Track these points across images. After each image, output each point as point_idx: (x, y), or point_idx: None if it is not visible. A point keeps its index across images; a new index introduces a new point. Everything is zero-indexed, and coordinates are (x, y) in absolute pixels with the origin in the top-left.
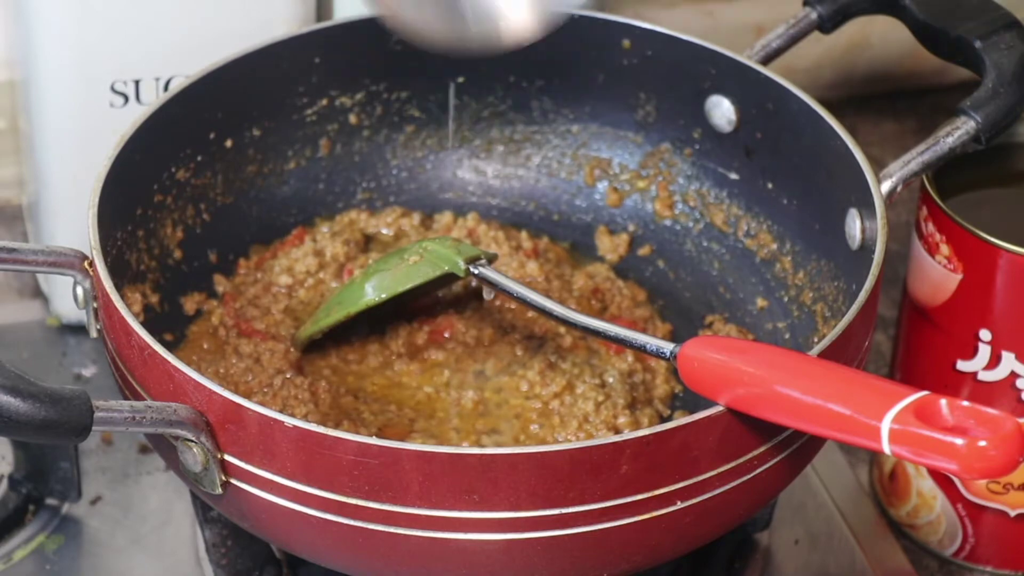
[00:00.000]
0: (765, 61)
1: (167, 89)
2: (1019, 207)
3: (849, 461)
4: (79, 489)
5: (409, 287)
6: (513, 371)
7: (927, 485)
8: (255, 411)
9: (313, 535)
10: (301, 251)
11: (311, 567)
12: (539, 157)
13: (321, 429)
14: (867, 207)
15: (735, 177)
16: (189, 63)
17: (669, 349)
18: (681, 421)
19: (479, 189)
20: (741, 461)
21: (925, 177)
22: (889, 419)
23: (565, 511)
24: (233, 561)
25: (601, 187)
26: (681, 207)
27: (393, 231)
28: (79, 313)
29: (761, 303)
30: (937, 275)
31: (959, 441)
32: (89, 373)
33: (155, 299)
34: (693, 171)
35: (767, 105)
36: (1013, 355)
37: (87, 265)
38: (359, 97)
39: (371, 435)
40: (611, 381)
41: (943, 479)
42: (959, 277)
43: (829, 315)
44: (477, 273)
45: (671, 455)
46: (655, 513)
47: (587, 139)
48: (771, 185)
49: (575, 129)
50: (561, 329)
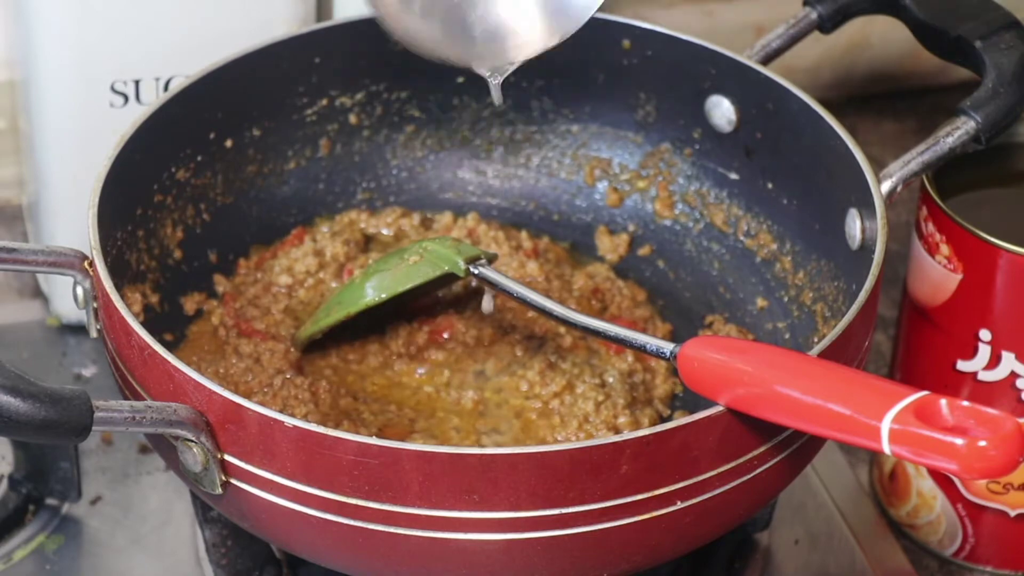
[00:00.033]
0: (765, 61)
1: (167, 89)
2: (1019, 207)
3: (849, 461)
4: (79, 489)
5: (409, 287)
6: (513, 371)
7: (927, 485)
8: (255, 411)
9: (313, 535)
10: (301, 251)
11: (311, 567)
12: (539, 157)
13: (321, 429)
14: (867, 207)
15: (735, 177)
16: (189, 63)
17: (669, 349)
18: (681, 421)
19: (479, 189)
20: (741, 461)
21: (925, 177)
22: (889, 419)
23: (565, 511)
24: (233, 561)
25: (601, 187)
26: (681, 207)
27: (393, 231)
28: (79, 313)
29: (761, 303)
30: (937, 275)
31: (959, 441)
32: (89, 373)
33: (155, 299)
34: (693, 171)
35: (767, 105)
36: (1013, 355)
37: (87, 265)
38: (359, 97)
39: (371, 435)
40: (611, 381)
41: (943, 479)
42: (959, 277)
43: (829, 315)
44: (477, 273)
45: (671, 455)
46: (655, 513)
47: (587, 139)
48: (771, 185)
49: (575, 129)
50: (561, 329)
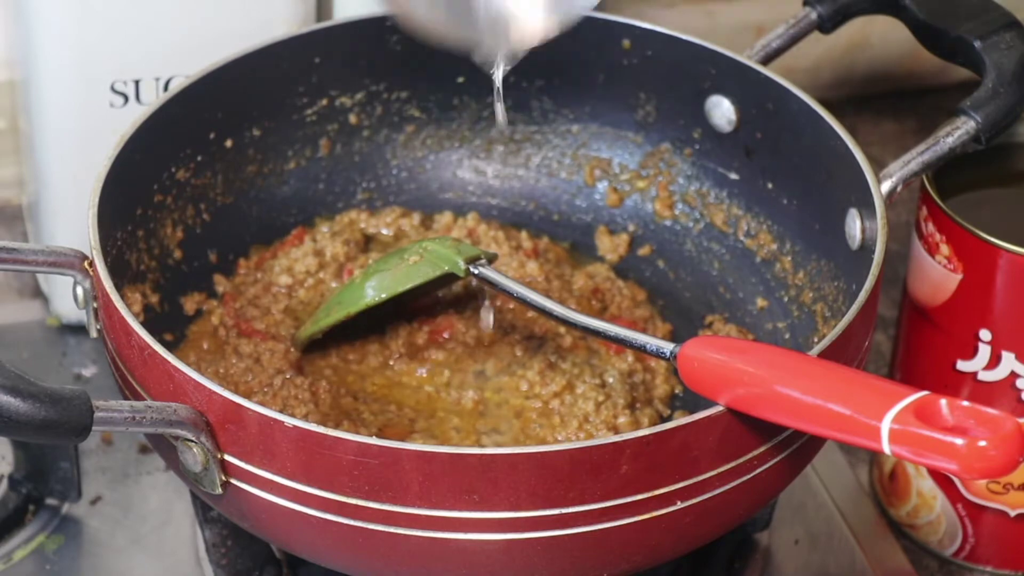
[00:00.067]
0: (765, 61)
1: (167, 89)
2: (1019, 207)
3: (849, 461)
4: (79, 489)
5: (409, 287)
6: (513, 371)
7: (927, 485)
8: (255, 411)
9: (313, 535)
10: (301, 251)
11: (311, 567)
12: (539, 157)
13: (321, 429)
14: (867, 207)
15: (735, 177)
16: (189, 63)
17: (669, 349)
18: (681, 421)
19: (479, 189)
20: (741, 461)
21: (925, 177)
22: (889, 419)
23: (565, 511)
24: (233, 561)
25: (601, 187)
26: (681, 207)
27: (393, 231)
28: (79, 313)
29: (761, 303)
30: (937, 275)
31: (959, 441)
32: (89, 373)
33: (155, 299)
34: (693, 171)
35: (767, 105)
36: (1013, 355)
37: (87, 265)
38: (359, 97)
39: (371, 435)
40: (611, 381)
41: (943, 479)
42: (959, 277)
43: (829, 315)
44: (477, 273)
45: (671, 455)
46: (655, 513)
47: (587, 139)
48: (771, 185)
49: (575, 129)
50: (561, 329)
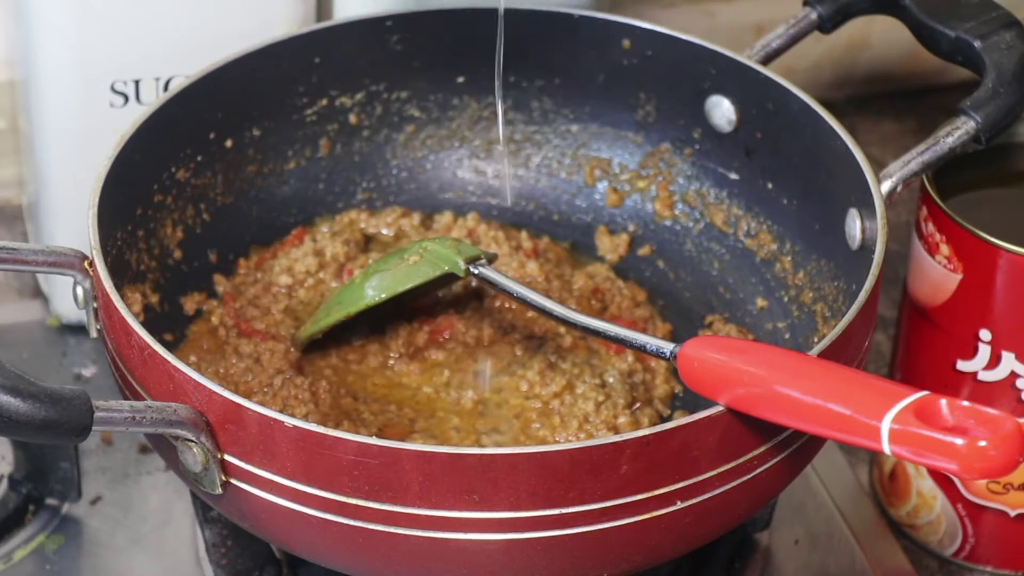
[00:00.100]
0: (765, 61)
1: (167, 89)
2: (1019, 207)
3: (849, 461)
4: (79, 489)
5: (409, 287)
6: (513, 371)
7: (927, 485)
8: (255, 411)
9: (313, 535)
10: (301, 251)
11: (311, 567)
12: (539, 157)
13: (321, 429)
14: (867, 207)
15: (735, 177)
16: (189, 63)
17: (669, 349)
18: (681, 421)
19: (479, 189)
20: (741, 461)
21: (925, 177)
22: (889, 419)
23: (565, 511)
24: (233, 561)
25: (601, 187)
26: (681, 207)
27: (393, 231)
28: (79, 313)
29: (761, 303)
30: (937, 275)
31: (959, 441)
32: (89, 373)
33: (155, 299)
34: (693, 171)
35: (767, 105)
36: (1013, 355)
37: (87, 265)
38: (359, 97)
39: (371, 435)
40: (611, 381)
41: (943, 479)
42: (959, 277)
43: (829, 315)
44: (477, 273)
45: (671, 455)
46: (655, 513)
47: (587, 139)
48: (771, 185)
49: (575, 129)
50: (561, 329)
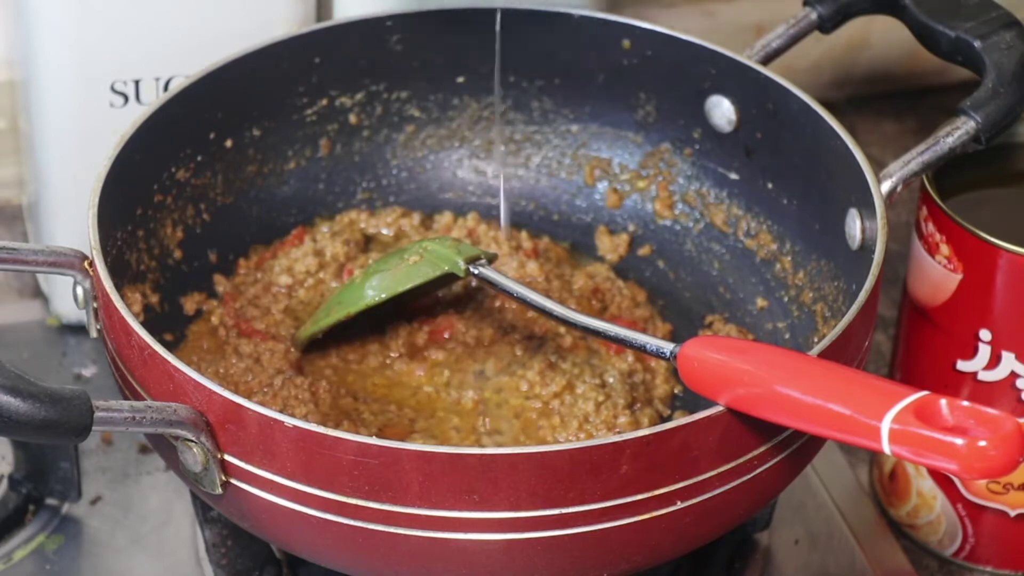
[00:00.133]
0: (765, 61)
1: (167, 89)
2: (1019, 207)
3: (849, 461)
4: (79, 489)
5: (409, 287)
6: (513, 371)
7: (927, 485)
8: (255, 411)
9: (313, 535)
10: (301, 251)
11: (311, 567)
12: (539, 157)
13: (321, 429)
14: (867, 207)
15: (735, 177)
16: (189, 63)
17: (669, 349)
18: (681, 421)
19: (479, 189)
20: (741, 461)
21: (925, 177)
22: (889, 419)
23: (565, 511)
24: (233, 561)
25: (601, 187)
26: (681, 207)
27: (393, 231)
28: (79, 313)
29: (761, 303)
30: (937, 275)
31: (959, 441)
32: (89, 373)
33: (155, 299)
34: (693, 171)
35: (767, 105)
36: (1013, 355)
37: (87, 265)
38: (359, 97)
39: (371, 435)
40: (611, 381)
41: (943, 479)
42: (959, 277)
43: (829, 315)
44: (477, 273)
45: (671, 455)
46: (655, 513)
47: (587, 139)
48: (771, 185)
49: (575, 129)
50: (561, 329)
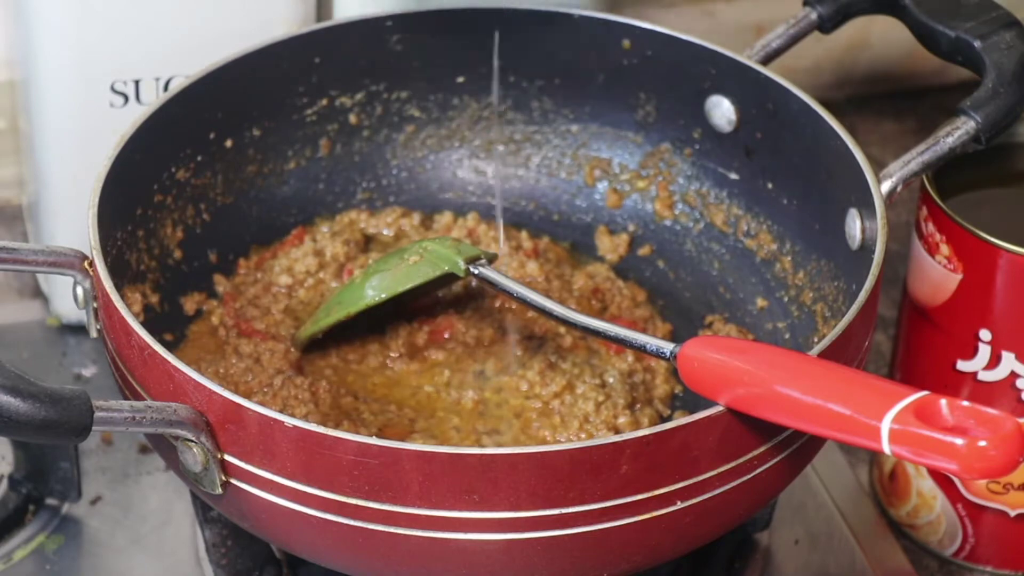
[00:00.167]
0: (765, 61)
1: (167, 89)
2: (1019, 207)
3: (849, 461)
4: (79, 489)
5: (409, 287)
6: (513, 371)
7: (927, 485)
8: (255, 411)
9: (313, 535)
10: (301, 251)
11: (311, 567)
12: (539, 157)
13: (321, 429)
14: (867, 207)
15: (735, 177)
16: (189, 63)
17: (669, 349)
18: (681, 421)
19: (479, 189)
20: (741, 461)
21: (925, 177)
22: (889, 419)
23: (565, 511)
24: (233, 561)
25: (601, 187)
26: (681, 207)
27: (393, 231)
28: (79, 313)
29: (761, 303)
30: (937, 275)
31: (959, 441)
32: (89, 373)
33: (155, 299)
34: (693, 171)
35: (767, 105)
36: (1013, 355)
37: (87, 265)
38: (359, 97)
39: (371, 435)
40: (611, 381)
41: (943, 479)
42: (959, 277)
43: (829, 315)
44: (477, 273)
45: (671, 455)
46: (655, 513)
47: (587, 139)
48: (771, 185)
49: (575, 129)
50: (561, 329)
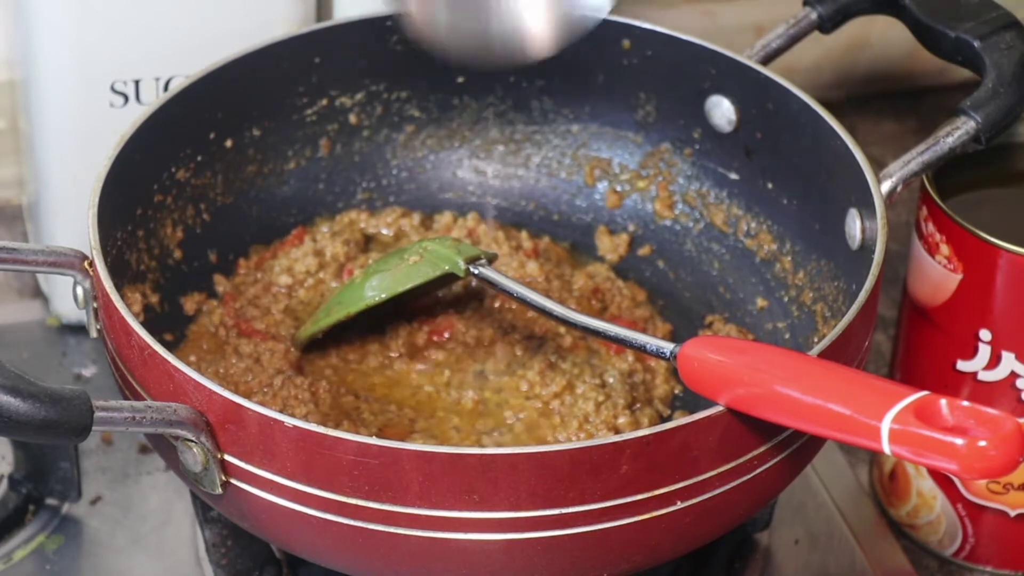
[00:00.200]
0: (765, 61)
1: (167, 89)
2: (1019, 207)
3: (849, 461)
4: (79, 489)
5: (409, 287)
6: (513, 371)
7: (927, 485)
8: (255, 411)
9: (313, 535)
10: (301, 251)
11: (311, 567)
12: (539, 157)
13: (321, 429)
14: (867, 207)
15: (735, 177)
16: (189, 63)
17: (669, 349)
18: (681, 421)
19: (479, 189)
20: (741, 461)
21: (925, 177)
22: (889, 419)
23: (565, 511)
24: (233, 561)
25: (601, 187)
26: (681, 207)
27: (393, 231)
28: (79, 313)
29: (761, 303)
30: (937, 275)
31: (959, 441)
32: (89, 373)
33: (155, 299)
34: (693, 171)
35: (767, 105)
36: (1013, 355)
37: (87, 265)
38: (359, 97)
39: (371, 435)
40: (611, 381)
41: (943, 479)
42: (959, 277)
43: (829, 315)
44: (477, 273)
45: (671, 455)
46: (655, 513)
47: (587, 139)
48: (771, 185)
49: (575, 129)
50: (561, 329)
